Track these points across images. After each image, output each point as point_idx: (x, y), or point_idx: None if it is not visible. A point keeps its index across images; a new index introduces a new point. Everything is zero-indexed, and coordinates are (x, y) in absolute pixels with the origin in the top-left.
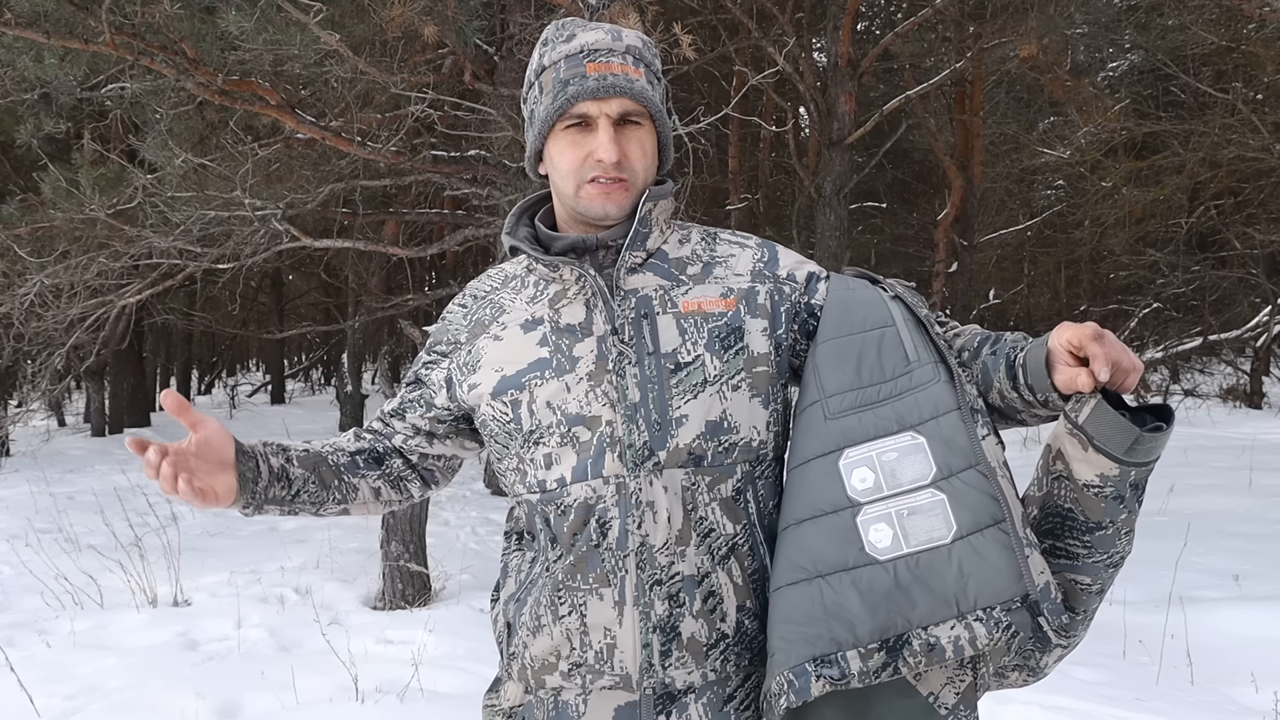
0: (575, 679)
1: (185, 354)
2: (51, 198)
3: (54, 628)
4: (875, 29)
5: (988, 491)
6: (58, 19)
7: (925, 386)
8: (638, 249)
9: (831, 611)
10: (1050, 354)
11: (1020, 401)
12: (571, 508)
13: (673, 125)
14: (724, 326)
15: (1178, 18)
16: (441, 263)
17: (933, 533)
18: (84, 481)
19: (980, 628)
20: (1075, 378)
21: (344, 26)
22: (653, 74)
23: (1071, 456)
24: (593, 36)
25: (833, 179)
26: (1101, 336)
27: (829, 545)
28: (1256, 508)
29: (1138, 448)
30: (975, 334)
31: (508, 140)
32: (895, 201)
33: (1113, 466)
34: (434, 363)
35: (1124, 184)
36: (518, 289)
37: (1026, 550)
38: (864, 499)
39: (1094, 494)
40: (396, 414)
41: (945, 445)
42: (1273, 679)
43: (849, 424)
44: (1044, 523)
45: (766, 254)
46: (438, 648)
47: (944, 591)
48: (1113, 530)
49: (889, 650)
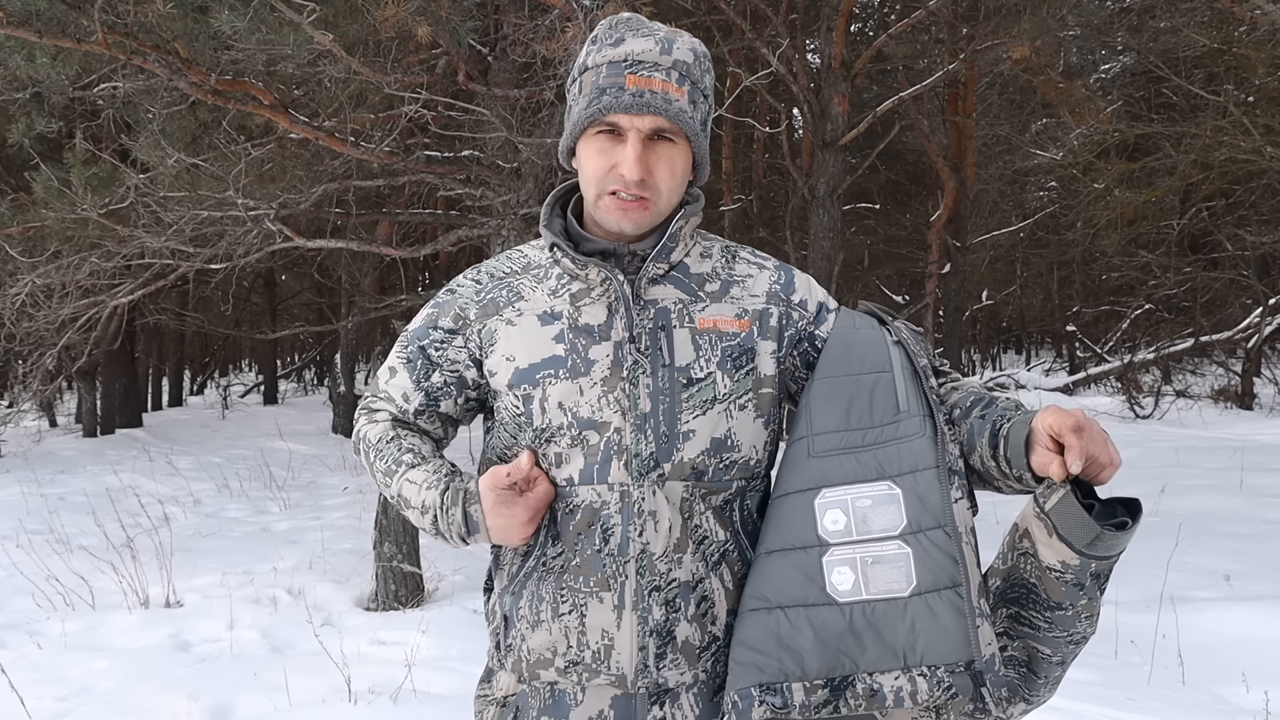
0: (571, 675)
1: (177, 354)
2: (43, 197)
3: (45, 629)
4: (869, 30)
5: (951, 554)
6: (50, 18)
7: (910, 439)
8: (662, 261)
9: (785, 643)
10: (1032, 433)
11: (997, 471)
12: (579, 508)
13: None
14: (737, 347)
15: (1170, 20)
16: (435, 263)
17: (893, 584)
18: (75, 482)
19: (923, 683)
20: (1048, 464)
21: (337, 26)
22: (699, 91)
23: (1037, 539)
24: (641, 45)
25: (826, 180)
26: (1081, 429)
27: (792, 580)
28: (1247, 508)
29: (1099, 543)
30: (971, 392)
31: (501, 141)
32: (889, 202)
33: (1074, 556)
34: (445, 341)
35: (1116, 185)
36: (539, 278)
37: (978, 620)
38: (833, 540)
39: (1055, 577)
40: (424, 412)
41: (919, 501)
42: (1264, 678)
43: (830, 464)
44: (1010, 591)
45: (783, 277)
46: (431, 649)
47: (894, 643)
48: (1072, 613)
49: (833, 689)
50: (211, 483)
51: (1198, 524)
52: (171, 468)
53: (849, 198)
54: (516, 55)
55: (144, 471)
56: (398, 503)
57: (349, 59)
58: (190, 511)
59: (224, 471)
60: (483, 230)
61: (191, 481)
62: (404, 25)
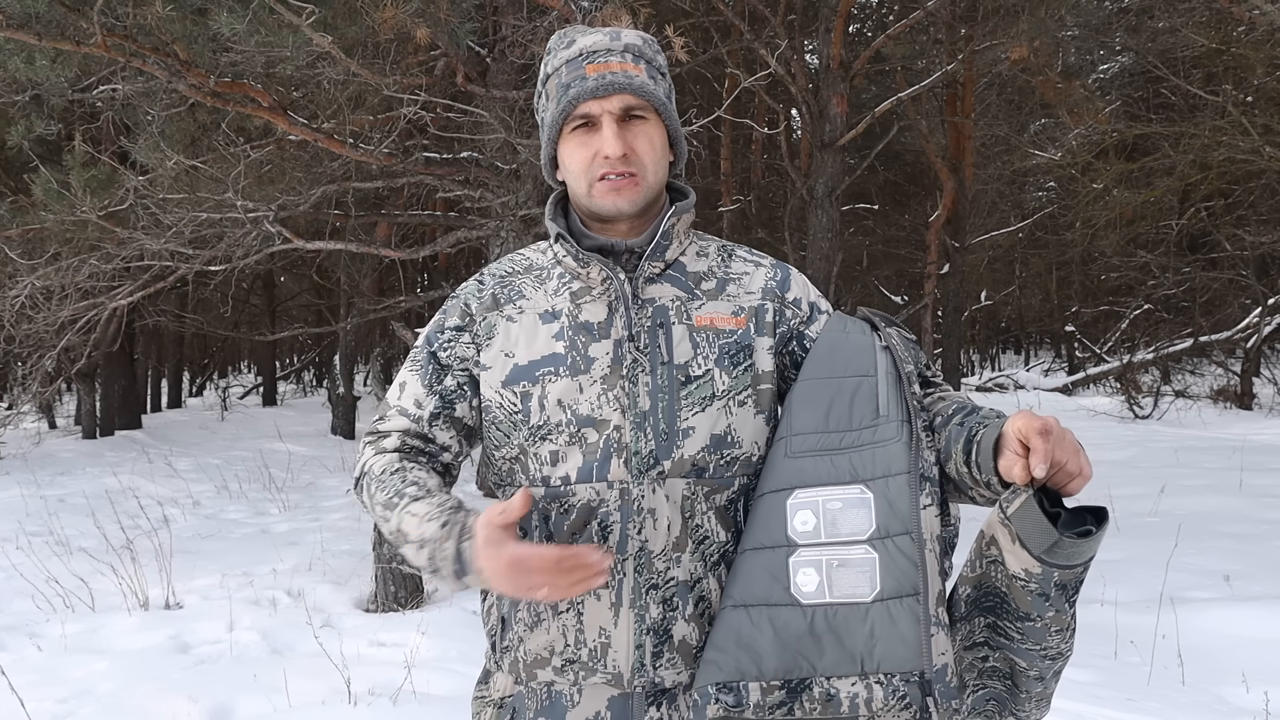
0: (568, 674)
1: (177, 356)
2: (42, 199)
3: (45, 631)
4: (867, 31)
5: (914, 561)
6: (49, 20)
7: (885, 444)
8: (657, 259)
9: (744, 642)
10: (1001, 438)
11: (969, 478)
12: (575, 508)
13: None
14: (734, 344)
15: (1168, 20)
16: (434, 265)
17: (856, 589)
18: (75, 484)
19: (879, 690)
20: (1012, 467)
21: (336, 28)
22: (655, 69)
23: (1002, 546)
24: (591, 40)
25: (825, 181)
26: (1048, 433)
27: (759, 579)
28: (1247, 508)
29: (1058, 550)
30: (955, 401)
31: (500, 142)
32: (887, 203)
33: (1035, 564)
34: (454, 340)
35: (1115, 186)
36: (541, 279)
37: (933, 629)
38: (801, 541)
39: (1021, 586)
40: (439, 416)
41: (889, 506)
42: (1263, 679)
43: (805, 465)
44: (984, 599)
45: (779, 275)
46: (430, 650)
47: (853, 648)
48: (1040, 625)
49: (790, 690)
50: (211, 484)
51: (1197, 524)
52: (171, 469)
53: (848, 198)
54: (515, 57)
55: (143, 473)
56: (396, 537)
57: (348, 61)
58: (190, 513)
59: (223, 473)
60: (482, 231)
61: (191, 483)
62: (403, 27)
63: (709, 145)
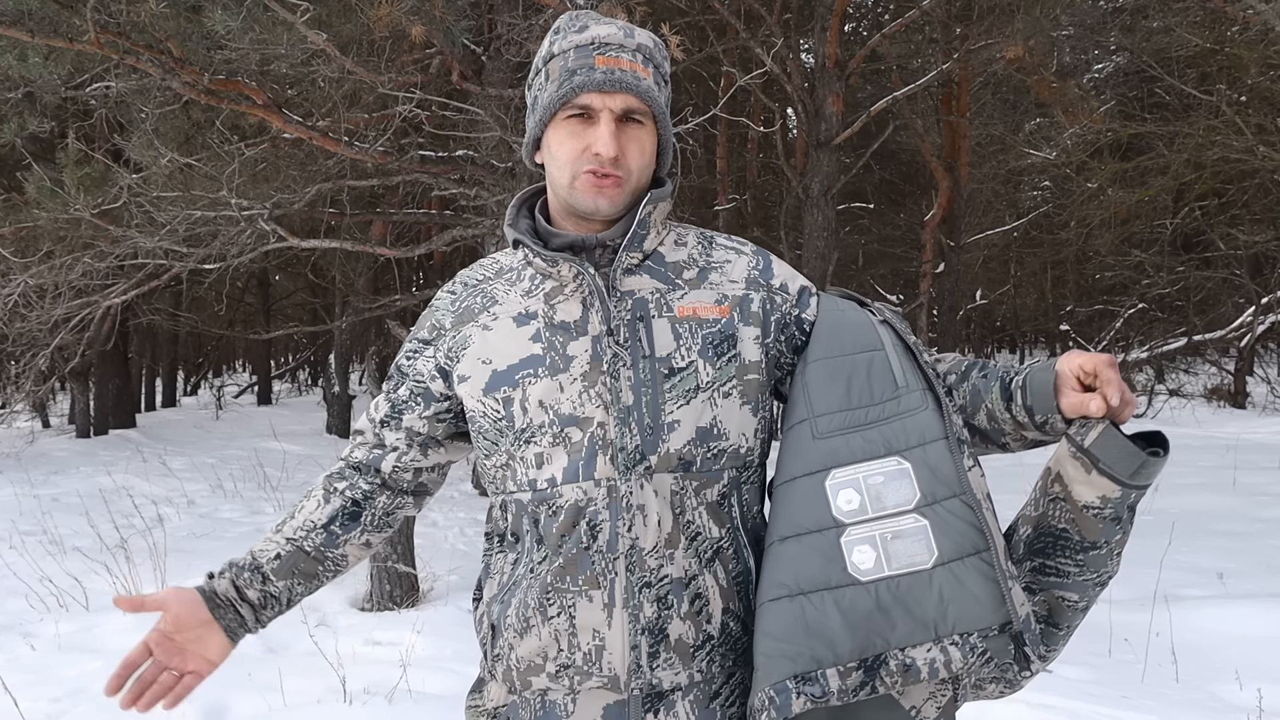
0: (563, 680)
1: (171, 355)
2: (36, 197)
3: (39, 630)
4: (863, 30)
5: (970, 522)
6: (42, 17)
7: (913, 413)
8: (634, 250)
9: (813, 630)
10: (1058, 377)
11: (1011, 424)
12: (562, 509)
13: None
14: (718, 334)
15: (1163, 20)
16: (429, 263)
17: (915, 557)
18: (69, 483)
19: (955, 651)
20: (1087, 402)
21: (331, 26)
22: (660, 75)
23: (1072, 479)
24: (605, 30)
25: (820, 179)
26: (1115, 364)
27: (812, 564)
28: (1240, 506)
29: (1142, 471)
30: (960, 360)
31: (495, 140)
32: (882, 202)
33: (1115, 489)
34: (417, 352)
35: (1109, 185)
36: (513, 281)
37: (1010, 583)
38: (849, 520)
39: (1093, 515)
40: (389, 421)
41: (930, 473)
42: (1257, 676)
43: (836, 445)
44: (1036, 541)
45: (761, 262)
46: (425, 649)
47: (923, 615)
48: (1106, 550)
49: (867, 670)
50: (205, 483)
51: (1191, 522)
52: (165, 468)
53: (843, 197)
54: (510, 55)
55: (138, 472)
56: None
57: (343, 59)
58: (184, 512)
59: (218, 472)
60: (477, 230)
61: (185, 482)
62: (398, 25)
63: (704, 144)
